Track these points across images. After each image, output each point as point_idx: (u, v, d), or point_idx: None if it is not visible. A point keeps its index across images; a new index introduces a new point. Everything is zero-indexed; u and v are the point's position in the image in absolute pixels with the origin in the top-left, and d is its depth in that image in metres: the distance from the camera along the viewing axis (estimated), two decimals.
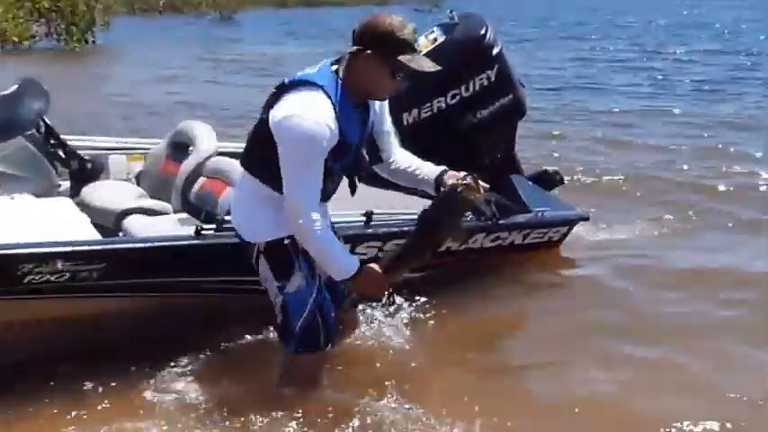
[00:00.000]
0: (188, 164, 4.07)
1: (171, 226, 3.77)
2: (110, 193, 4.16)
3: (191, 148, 4.14)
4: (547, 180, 5.00)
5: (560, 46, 18.88)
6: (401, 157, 3.16)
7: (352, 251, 3.63)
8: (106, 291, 3.39)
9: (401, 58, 2.79)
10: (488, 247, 4.39)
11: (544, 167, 5.23)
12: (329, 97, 2.79)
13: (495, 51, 4.44)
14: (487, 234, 4.32)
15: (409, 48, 2.81)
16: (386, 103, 3.07)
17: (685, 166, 7.27)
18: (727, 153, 7.79)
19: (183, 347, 3.53)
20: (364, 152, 3.02)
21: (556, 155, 7.62)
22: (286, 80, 2.90)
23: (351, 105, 2.86)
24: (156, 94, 12.13)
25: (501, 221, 4.00)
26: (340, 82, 2.84)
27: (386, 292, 3.33)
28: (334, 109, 2.79)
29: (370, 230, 3.81)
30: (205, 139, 4.14)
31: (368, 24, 2.83)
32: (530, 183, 4.80)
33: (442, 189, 3.00)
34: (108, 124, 8.65)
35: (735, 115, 9.74)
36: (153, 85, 13.37)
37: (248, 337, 3.70)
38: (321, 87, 2.80)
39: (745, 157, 7.61)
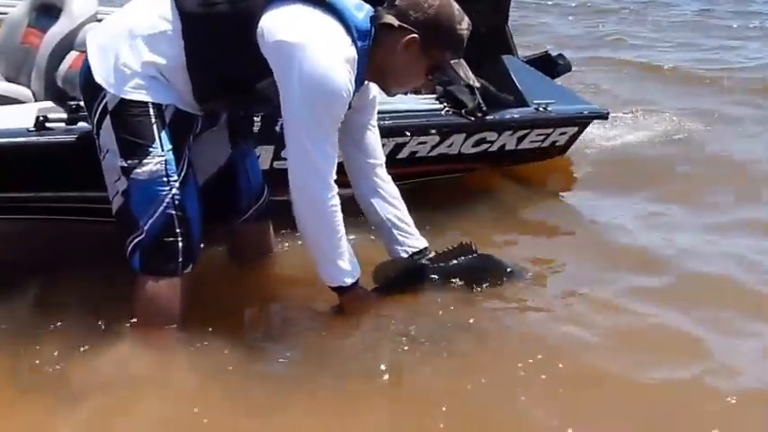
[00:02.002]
0: (54, 32, 3.30)
1: (24, 119, 2.92)
2: None
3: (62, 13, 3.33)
4: (549, 65, 4.19)
5: None
6: (390, 187, 2.79)
7: None
8: None
9: (450, 59, 2.48)
10: (469, 154, 3.59)
11: (545, 50, 4.42)
12: (355, 62, 2.39)
13: None
14: (468, 135, 3.51)
15: (460, 49, 2.50)
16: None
17: None
18: None
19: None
20: None
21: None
22: None
23: (359, 81, 2.47)
24: None
25: (488, 117, 3.42)
26: (367, 50, 2.45)
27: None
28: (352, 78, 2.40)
29: None
30: None
31: (425, 2, 2.43)
32: (528, 67, 3.99)
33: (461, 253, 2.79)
34: None
35: None
36: None
37: None
38: (355, 43, 2.39)
39: None
